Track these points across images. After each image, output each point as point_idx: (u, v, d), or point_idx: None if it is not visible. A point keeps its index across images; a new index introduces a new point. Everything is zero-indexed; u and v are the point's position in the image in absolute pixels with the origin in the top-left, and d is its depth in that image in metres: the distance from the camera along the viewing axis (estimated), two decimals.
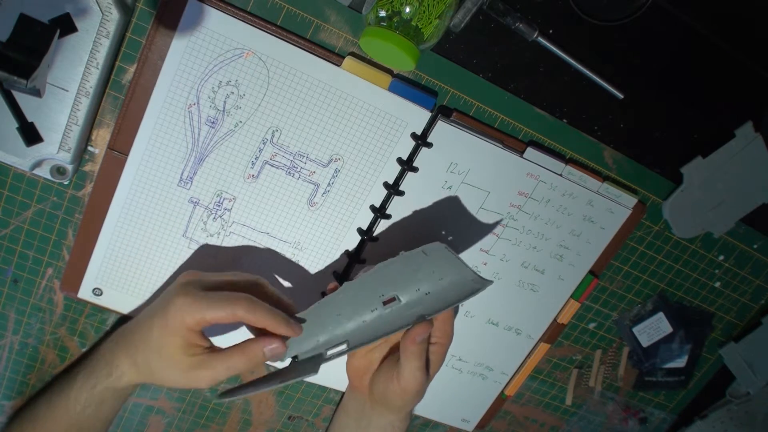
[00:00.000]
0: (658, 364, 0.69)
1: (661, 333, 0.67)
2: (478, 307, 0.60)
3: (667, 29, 0.52)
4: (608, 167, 0.57)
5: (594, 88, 0.52)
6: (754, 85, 0.57)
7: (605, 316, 0.66)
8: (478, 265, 0.57)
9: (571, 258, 0.59)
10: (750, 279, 0.67)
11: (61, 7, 0.41)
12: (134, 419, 0.61)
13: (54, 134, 0.45)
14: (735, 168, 0.58)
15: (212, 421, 0.63)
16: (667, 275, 0.65)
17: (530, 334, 0.63)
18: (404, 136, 0.51)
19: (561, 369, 0.68)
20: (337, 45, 0.47)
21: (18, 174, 0.48)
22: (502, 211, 0.55)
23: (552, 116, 0.53)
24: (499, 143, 0.52)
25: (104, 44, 0.43)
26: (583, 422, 0.73)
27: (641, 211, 0.58)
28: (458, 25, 0.47)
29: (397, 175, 0.52)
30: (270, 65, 0.46)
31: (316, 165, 0.51)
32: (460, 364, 0.63)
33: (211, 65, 0.46)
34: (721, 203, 0.60)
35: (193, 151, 0.48)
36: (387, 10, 0.42)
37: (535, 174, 0.54)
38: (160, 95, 0.46)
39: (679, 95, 0.56)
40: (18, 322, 0.54)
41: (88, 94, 0.44)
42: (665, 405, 0.75)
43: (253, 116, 0.48)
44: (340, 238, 0.54)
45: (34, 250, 0.52)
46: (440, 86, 0.50)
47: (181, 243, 0.52)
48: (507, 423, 0.71)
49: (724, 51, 0.54)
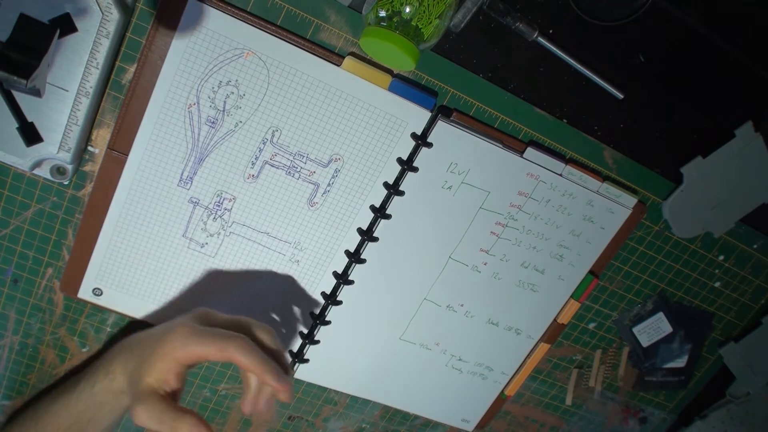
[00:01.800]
0: (658, 364, 0.69)
1: (661, 333, 0.67)
2: (478, 307, 0.60)
3: (667, 29, 0.52)
4: (608, 167, 0.57)
5: (594, 88, 0.52)
6: (754, 85, 0.57)
7: (605, 316, 0.66)
8: (478, 265, 0.58)
9: (571, 258, 0.59)
10: (750, 279, 0.67)
11: (61, 7, 0.41)
12: None
13: (54, 134, 0.45)
14: (735, 168, 0.58)
15: (212, 421, 0.63)
16: (667, 275, 0.65)
17: (530, 334, 0.63)
18: (404, 136, 0.51)
19: (561, 369, 0.68)
20: (337, 45, 0.47)
21: (18, 174, 0.48)
22: (502, 211, 0.55)
23: (552, 116, 0.53)
24: (499, 143, 0.52)
25: (104, 44, 0.43)
26: (583, 422, 0.73)
27: (641, 211, 0.58)
28: (458, 25, 0.47)
29: (397, 175, 0.52)
30: (270, 65, 0.46)
31: (316, 165, 0.51)
32: (460, 364, 0.63)
33: (211, 65, 0.46)
34: (721, 203, 0.60)
35: (193, 151, 0.48)
36: (387, 10, 0.42)
37: (535, 174, 0.54)
38: (160, 95, 0.46)
39: (679, 95, 0.56)
40: (18, 322, 0.54)
41: (88, 94, 0.44)
42: (665, 405, 0.75)
43: (253, 116, 0.48)
44: (340, 238, 0.54)
45: (34, 250, 0.52)
46: (440, 86, 0.50)
47: (181, 243, 0.52)
48: (507, 423, 0.71)
49: (724, 51, 0.54)
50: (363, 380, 0.62)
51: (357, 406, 0.65)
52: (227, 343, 0.42)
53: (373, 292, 0.57)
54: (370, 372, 0.62)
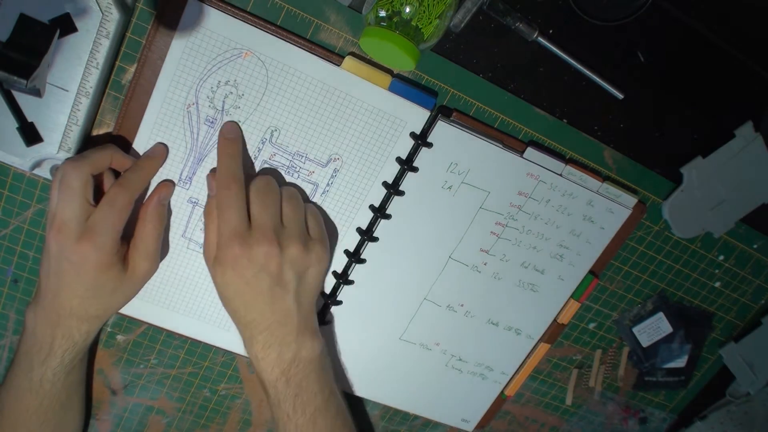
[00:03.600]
0: (658, 364, 0.69)
1: (661, 333, 0.67)
2: (478, 307, 0.60)
3: (667, 29, 0.52)
4: (608, 167, 0.57)
5: (594, 88, 0.52)
6: (754, 85, 0.57)
7: (605, 316, 0.66)
8: (478, 265, 0.58)
9: (571, 258, 0.59)
10: (750, 279, 0.67)
11: (61, 7, 0.41)
12: (134, 419, 0.61)
13: (54, 134, 0.45)
14: (735, 168, 0.58)
15: (212, 421, 0.63)
16: (667, 275, 0.65)
17: (530, 334, 0.63)
18: (404, 135, 0.51)
19: (561, 369, 0.68)
20: (337, 45, 0.47)
21: (18, 174, 0.48)
22: (502, 211, 0.55)
23: (552, 116, 0.53)
24: (499, 143, 0.52)
25: (104, 44, 0.43)
26: (583, 422, 0.73)
27: (641, 211, 0.58)
28: (458, 25, 0.47)
29: (397, 175, 0.52)
30: (268, 65, 0.46)
31: (315, 165, 0.51)
32: (460, 364, 0.63)
33: (210, 65, 0.46)
34: (721, 203, 0.60)
35: (193, 151, 0.48)
36: (387, 10, 0.42)
37: (535, 174, 0.54)
38: (159, 95, 0.46)
39: (679, 95, 0.56)
40: (18, 322, 0.54)
41: (88, 94, 0.44)
42: (665, 405, 0.75)
43: (252, 116, 0.48)
44: (340, 237, 0.54)
45: (34, 250, 0.52)
46: (440, 86, 0.50)
47: (180, 243, 0.52)
48: (507, 423, 0.71)
49: (724, 51, 0.54)
50: (363, 380, 0.62)
51: (357, 406, 0.65)
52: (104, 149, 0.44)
53: (373, 292, 0.57)
54: (370, 372, 0.62)
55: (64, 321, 0.46)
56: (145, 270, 0.48)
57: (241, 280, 0.45)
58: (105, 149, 0.44)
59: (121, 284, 0.47)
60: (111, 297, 0.47)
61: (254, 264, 0.45)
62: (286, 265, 0.46)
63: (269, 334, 0.47)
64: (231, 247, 0.45)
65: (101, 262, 0.44)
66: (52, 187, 0.43)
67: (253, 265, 0.45)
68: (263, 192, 0.46)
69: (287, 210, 0.47)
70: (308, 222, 0.49)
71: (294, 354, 0.48)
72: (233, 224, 0.45)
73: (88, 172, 0.43)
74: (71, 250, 0.43)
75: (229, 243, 0.45)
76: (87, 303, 0.46)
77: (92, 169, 0.43)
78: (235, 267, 0.45)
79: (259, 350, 0.48)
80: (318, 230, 0.49)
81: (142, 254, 0.47)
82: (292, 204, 0.48)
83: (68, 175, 0.42)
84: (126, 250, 0.47)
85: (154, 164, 0.47)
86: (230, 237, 0.45)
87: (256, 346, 0.48)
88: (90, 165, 0.43)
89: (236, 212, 0.45)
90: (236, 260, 0.45)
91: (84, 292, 0.45)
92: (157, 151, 0.47)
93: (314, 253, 0.48)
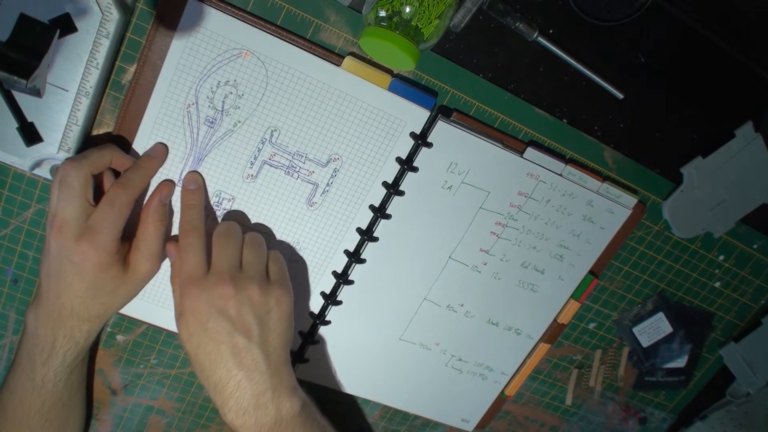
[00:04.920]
0: (658, 364, 0.69)
1: (661, 333, 0.67)
2: (478, 307, 0.60)
3: (667, 29, 0.52)
4: (608, 167, 0.57)
5: (594, 88, 0.52)
6: (754, 85, 0.57)
7: (605, 316, 0.66)
8: (478, 265, 0.58)
9: (571, 258, 0.59)
10: (750, 279, 0.67)
11: (61, 7, 0.41)
12: (134, 419, 0.61)
13: (54, 134, 0.45)
14: (735, 168, 0.58)
15: (212, 421, 0.63)
16: (667, 275, 0.65)
17: (530, 334, 0.63)
18: (404, 135, 0.51)
19: (561, 369, 0.68)
20: (337, 45, 0.47)
21: (18, 174, 0.48)
22: (502, 211, 0.55)
23: (552, 116, 0.53)
24: (499, 143, 0.52)
25: (104, 44, 0.43)
26: (583, 422, 0.73)
27: (641, 211, 0.58)
28: (458, 25, 0.47)
29: (397, 175, 0.52)
30: (268, 65, 0.46)
31: (315, 165, 0.51)
32: (460, 364, 0.63)
33: (210, 65, 0.46)
34: (721, 203, 0.60)
35: (192, 151, 0.48)
36: (387, 10, 0.42)
37: (535, 174, 0.54)
38: (159, 95, 0.46)
39: (679, 95, 0.56)
40: (18, 322, 0.54)
41: (88, 94, 0.44)
42: (665, 405, 0.75)
43: (251, 116, 0.48)
44: (340, 237, 0.54)
45: (34, 250, 0.52)
46: (440, 86, 0.50)
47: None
48: (507, 423, 0.71)
49: (724, 51, 0.54)
50: (363, 380, 0.62)
51: (357, 406, 0.65)
52: (103, 149, 0.44)
53: (373, 292, 0.57)
54: (370, 372, 0.62)
55: (66, 321, 0.46)
56: (147, 270, 0.48)
57: (201, 327, 0.44)
58: (105, 149, 0.44)
59: (123, 284, 0.47)
60: (112, 297, 0.47)
61: (211, 307, 0.43)
62: (244, 308, 0.44)
63: (240, 395, 0.43)
64: (189, 293, 0.44)
65: (101, 262, 0.44)
66: (52, 187, 0.43)
67: (210, 308, 0.43)
68: (224, 237, 0.46)
69: (247, 254, 0.46)
70: (269, 267, 0.48)
71: (274, 417, 0.44)
72: (191, 269, 0.45)
73: (88, 172, 0.43)
74: (71, 250, 0.43)
75: (187, 288, 0.44)
76: (88, 303, 0.46)
77: (92, 169, 0.43)
78: (194, 314, 0.44)
79: (233, 418, 0.44)
80: (279, 275, 0.48)
81: (143, 255, 0.47)
82: (253, 248, 0.47)
83: (68, 175, 0.42)
84: (128, 250, 0.47)
85: (154, 164, 0.47)
86: (188, 282, 0.44)
87: (230, 415, 0.44)
88: (90, 165, 0.43)
89: (194, 257, 0.45)
90: (195, 306, 0.44)
91: (85, 292, 0.45)
92: (157, 151, 0.47)
93: (273, 296, 0.45)
